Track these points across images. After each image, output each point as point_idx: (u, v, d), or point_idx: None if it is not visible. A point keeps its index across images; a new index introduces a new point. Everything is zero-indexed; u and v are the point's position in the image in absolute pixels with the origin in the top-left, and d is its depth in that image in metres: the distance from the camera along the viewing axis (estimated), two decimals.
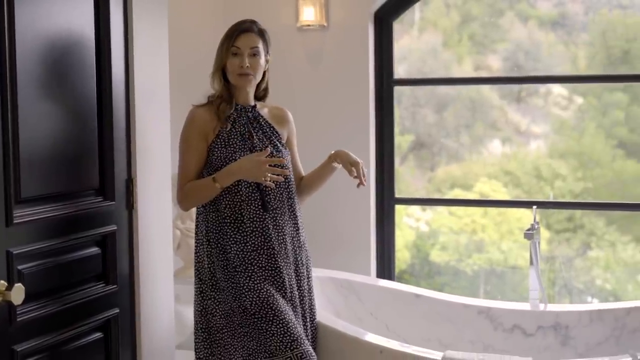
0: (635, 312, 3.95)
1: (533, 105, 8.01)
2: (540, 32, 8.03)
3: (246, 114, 3.52)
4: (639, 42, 7.56)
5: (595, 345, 3.93)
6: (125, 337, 3.41)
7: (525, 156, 7.64)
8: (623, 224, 7.24)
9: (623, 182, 7.19)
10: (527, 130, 8.03)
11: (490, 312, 4.12)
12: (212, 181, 3.39)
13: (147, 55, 3.49)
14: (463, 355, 3.34)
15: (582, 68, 7.39)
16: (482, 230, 7.17)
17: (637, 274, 6.96)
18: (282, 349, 3.29)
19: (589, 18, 7.80)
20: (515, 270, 7.15)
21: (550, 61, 7.91)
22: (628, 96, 7.41)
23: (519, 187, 7.29)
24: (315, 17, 4.67)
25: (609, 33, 7.54)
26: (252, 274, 3.37)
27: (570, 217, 7.36)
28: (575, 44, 7.77)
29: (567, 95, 7.90)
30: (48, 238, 2.95)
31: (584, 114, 7.68)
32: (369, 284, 4.34)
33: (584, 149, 7.43)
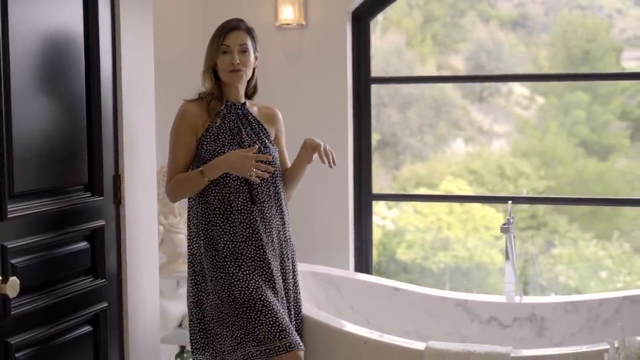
0: (608, 303, 4.14)
1: (495, 104, 8.18)
2: (502, 32, 8.20)
3: (236, 110, 3.64)
4: (599, 43, 7.75)
5: (570, 335, 4.11)
6: (113, 330, 3.52)
7: (489, 155, 7.80)
8: (585, 221, 7.43)
9: (584, 180, 7.37)
10: (489, 130, 8.20)
11: (467, 304, 4.29)
12: (200, 174, 3.51)
13: (133, 53, 3.61)
14: (446, 346, 3.50)
15: (543, 68, 7.57)
16: (447, 228, 7.32)
17: (600, 270, 7.15)
18: (271, 338, 3.41)
19: (549, 19, 7.98)
20: (481, 267, 7.30)
21: (511, 61, 8.09)
22: (589, 96, 7.59)
23: (483, 185, 7.45)
24: (294, 16, 4.80)
25: (569, 33, 7.72)
26: (242, 264, 3.50)
27: (534, 215, 7.54)
28: (535, 44, 7.95)
29: (528, 95, 8.09)
30: (40, 232, 3.04)
31: (546, 114, 7.85)
32: (349, 278, 4.49)
33: (547, 147, 7.60)
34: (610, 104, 7.65)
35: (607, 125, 7.72)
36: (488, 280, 7.24)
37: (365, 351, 3.61)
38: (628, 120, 7.60)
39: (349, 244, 4.99)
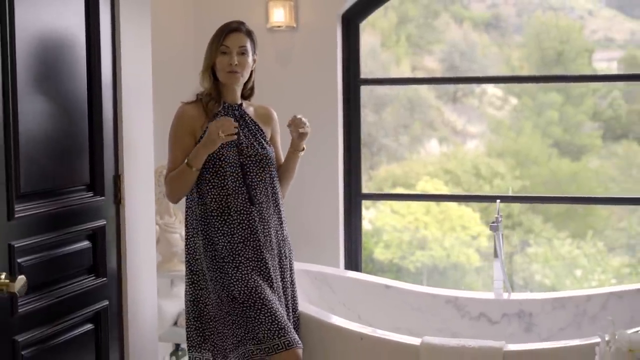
0: (595, 299, 4.30)
1: (469, 105, 8.32)
2: (475, 33, 8.35)
3: (233, 111, 3.74)
4: (572, 44, 7.92)
5: (558, 331, 4.26)
6: (113, 328, 3.60)
7: (465, 155, 7.92)
8: (559, 221, 7.61)
9: (558, 180, 7.54)
10: (463, 130, 8.34)
11: (457, 301, 4.43)
12: (187, 165, 3.61)
13: (132, 55, 3.70)
14: (441, 341, 3.63)
15: (516, 69, 7.73)
16: (424, 227, 7.45)
17: (575, 268, 7.31)
18: (270, 336, 3.52)
19: (522, 20, 8.13)
20: (457, 267, 7.44)
21: (485, 62, 8.24)
22: (562, 96, 7.75)
23: (459, 185, 7.59)
24: (285, 18, 4.91)
25: (543, 34, 7.87)
26: (240, 264, 3.61)
27: (509, 214, 7.70)
28: (508, 45, 8.11)
29: (501, 95, 8.24)
30: (44, 232, 3.12)
31: (519, 114, 8.00)
32: (341, 276, 4.61)
33: (521, 148, 7.75)
34: (582, 104, 7.80)
35: (580, 126, 7.88)
36: (464, 279, 7.38)
37: (361, 347, 3.73)
38: (600, 120, 7.77)
39: (339, 242, 5.12)
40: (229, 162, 3.65)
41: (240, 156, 3.67)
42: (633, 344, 3.26)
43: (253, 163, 3.69)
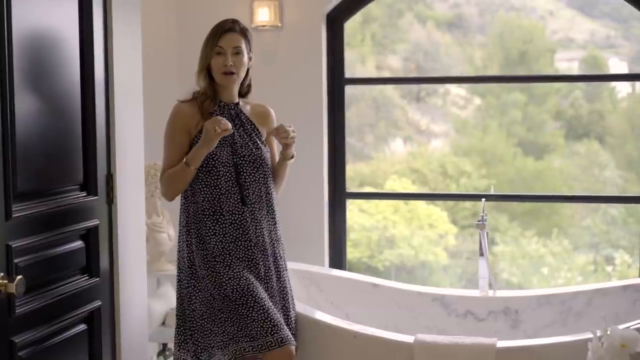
0: (581, 296, 4.39)
1: (432, 104, 8.41)
2: (438, 33, 8.43)
3: (229, 110, 3.77)
4: (535, 44, 8.04)
5: (543, 327, 4.34)
6: (105, 328, 3.61)
7: (431, 154, 8.00)
8: (525, 219, 7.73)
9: (524, 179, 7.65)
10: (427, 129, 8.42)
11: (444, 299, 4.49)
12: (185, 164, 3.63)
13: (124, 54, 3.72)
14: (434, 338, 3.69)
15: (479, 69, 7.83)
16: (393, 226, 7.52)
17: (542, 266, 7.43)
18: (263, 333, 3.55)
19: (485, 20, 8.22)
20: (425, 265, 7.51)
21: (448, 61, 8.34)
22: (525, 96, 7.87)
23: (426, 184, 7.67)
24: (270, 17, 4.93)
25: (506, 34, 7.98)
26: (231, 263, 3.63)
27: (475, 213, 7.77)
28: (470, 44, 8.21)
29: (464, 95, 8.33)
30: (39, 232, 3.13)
31: (483, 113, 8.10)
32: (329, 275, 4.65)
33: (487, 147, 7.85)
34: (545, 104, 7.92)
35: (543, 125, 8.00)
36: (432, 278, 7.44)
37: (355, 345, 3.77)
38: (562, 120, 7.89)
39: (324, 241, 5.16)
40: (222, 161, 3.67)
41: (234, 156, 3.69)
42: (625, 340, 3.35)
43: (247, 163, 3.71)
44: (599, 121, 7.99)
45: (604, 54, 8.00)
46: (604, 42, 8.06)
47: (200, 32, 5.06)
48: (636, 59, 7.81)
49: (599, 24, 8.27)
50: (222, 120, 3.56)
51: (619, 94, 8.05)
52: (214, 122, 3.54)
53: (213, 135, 3.53)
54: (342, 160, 5.21)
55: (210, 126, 3.53)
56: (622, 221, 7.58)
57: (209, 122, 3.55)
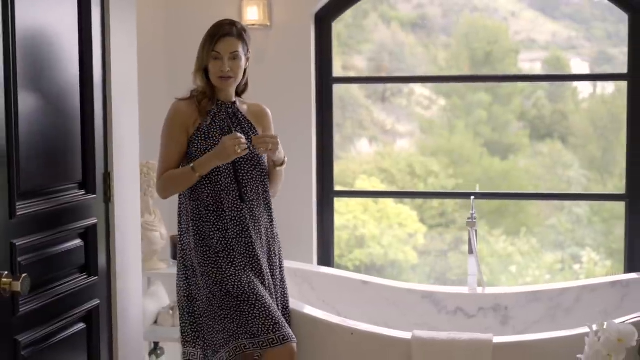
0: (569, 292, 4.48)
1: (397, 104, 8.46)
2: (403, 33, 8.49)
3: (226, 109, 3.80)
4: (500, 44, 8.14)
5: (533, 323, 4.43)
6: (104, 327, 3.61)
7: (399, 154, 8.05)
8: (492, 218, 7.82)
9: (491, 178, 7.74)
10: (392, 129, 8.48)
11: (434, 296, 4.56)
12: (191, 170, 3.66)
13: (121, 53, 3.73)
14: (431, 334, 3.75)
15: (444, 69, 7.91)
16: (363, 226, 7.56)
17: (510, 265, 7.53)
18: (265, 331, 3.58)
19: (451, 20, 8.30)
20: (395, 265, 7.57)
21: (413, 62, 8.40)
22: (490, 96, 7.96)
23: (394, 184, 7.74)
24: (259, 16, 4.96)
25: (471, 35, 8.07)
26: (234, 259, 3.67)
27: (443, 212, 7.87)
28: (434, 45, 8.29)
29: (428, 95, 8.41)
30: (41, 230, 3.13)
31: (448, 114, 8.17)
32: (320, 273, 4.69)
33: (454, 147, 7.92)
34: (510, 104, 8.02)
35: (508, 125, 8.10)
36: (401, 277, 7.50)
37: (352, 342, 3.82)
38: (526, 120, 8.00)
39: (313, 239, 5.20)
40: None
41: None
42: (622, 334, 3.43)
43: (244, 161, 3.75)
44: (562, 121, 8.09)
45: (565, 54, 8.11)
46: (566, 43, 8.17)
47: (189, 30, 5.11)
48: (597, 60, 7.94)
49: (560, 25, 8.37)
50: (242, 139, 3.59)
51: (581, 94, 8.17)
52: (235, 141, 3.56)
53: (232, 154, 3.57)
54: (330, 159, 5.26)
55: (230, 143, 3.56)
56: (587, 220, 7.69)
57: (229, 139, 3.58)
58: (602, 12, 8.07)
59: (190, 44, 4.95)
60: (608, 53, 7.91)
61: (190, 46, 4.89)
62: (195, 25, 4.98)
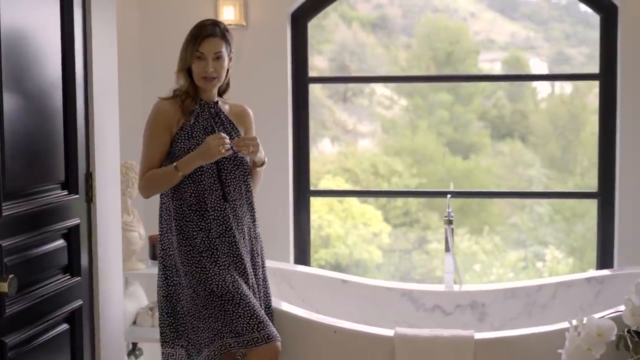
0: (546, 289, 4.55)
1: (358, 104, 8.51)
2: (363, 33, 8.53)
3: (209, 109, 3.81)
4: (462, 45, 8.22)
5: (510, 320, 4.50)
6: (86, 328, 3.61)
7: (362, 154, 8.10)
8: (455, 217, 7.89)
9: (454, 178, 7.80)
10: (354, 129, 8.53)
11: (412, 294, 4.60)
12: (174, 169, 3.67)
13: (102, 53, 3.74)
14: (414, 331, 3.80)
15: (406, 69, 7.97)
16: (328, 225, 7.60)
17: (474, 263, 7.60)
18: (249, 329, 3.60)
19: (411, 21, 8.36)
20: (360, 264, 7.61)
21: (374, 62, 8.45)
22: (452, 96, 8.03)
23: (358, 183, 7.78)
24: (235, 16, 4.97)
25: (433, 35, 8.13)
26: (217, 259, 3.68)
27: (407, 211, 7.92)
28: (395, 45, 8.34)
29: (389, 95, 8.46)
30: (26, 231, 3.14)
31: (410, 114, 8.23)
32: (299, 271, 4.72)
33: (417, 146, 7.98)
34: (471, 104, 8.10)
35: (469, 125, 8.18)
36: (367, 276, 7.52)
37: (335, 340, 3.85)
38: (486, 120, 8.09)
39: (290, 238, 5.22)
40: None
41: None
42: (601, 329, 3.51)
43: (227, 161, 3.77)
44: (522, 121, 8.18)
45: (524, 55, 8.20)
46: (525, 43, 8.26)
47: (164, 30, 5.10)
48: (556, 60, 8.05)
49: (519, 25, 8.46)
50: (226, 139, 3.62)
51: (540, 94, 8.26)
52: (219, 141, 3.59)
53: (216, 153, 3.59)
54: (306, 159, 5.29)
55: (214, 143, 3.58)
56: (548, 218, 7.79)
57: (214, 139, 3.60)
58: (560, 13, 8.17)
59: (165, 43, 4.98)
60: (566, 53, 8.01)
61: (165, 46, 4.92)
62: (170, 24, 4.99)
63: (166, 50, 4.66)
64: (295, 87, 5.25)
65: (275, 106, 5.14)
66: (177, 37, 3.87)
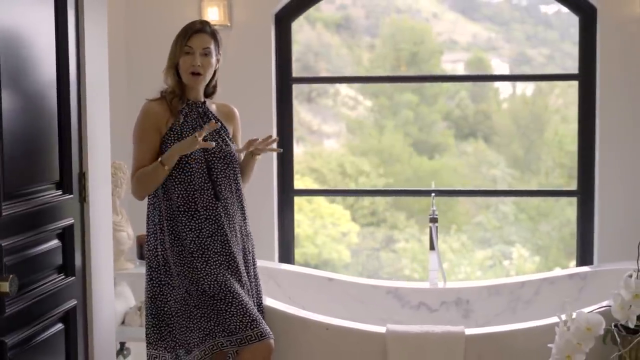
0: (529, 285, 4.65)
1: (323, 105, 8.57)
2: (328, 34, 8.60)
3: (196, 109, 3.85)
4: (426, 45, 8.32)
5: (494, 316, 4.59)
6: (80, 327, 3.63)
7: (330, 154, 8.15)
8: (422, 217, 7.99)
9: (420, 177, 7.90)
10: (319, 130, 8.59)
11: (398, 291, 4.67)
12: (160, 164, 3.71)
13: (93, 53, 3.75)
14: (405, 328, 3.86)
15: (371, 69, 8.04)
16: (297, 225, 7.64)
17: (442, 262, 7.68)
18: (242, 328, 3.64)
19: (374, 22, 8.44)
20: (328, 264, 7.66)
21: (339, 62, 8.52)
22: (417, 97, 8.12)
23: (326, 183, 7.84)
24: (219, 17, 5.00)
25: (398, 36, 8.22)
26: (209, 259, 3.72)
27: (374, 211, 7.99)
28: (359, 46, 8.42)
29: (354, 95, 8.53)
30: (23, 231, 3.14)
31: (375, 114, 8.31)
32: (285, 270, 4.77)
33: (384, 147, 8.06)
34: (436, 104, 8.19)
35: (434, 125, 8.27)
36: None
37: (327, 337, 3.90)
38: (450, 120, 8.19)
39: (274, 237, 5.26)
40: (195, 158, 3.76)
41: (205, 153, 3.78)
42: (590, 323, 3.61)
43: (218, 160, 3.81)
44: (485, 121, 8.29)
45: (486, 55, 8.32)
46: (486, 44, 8.38)
47: (149, 31, 5.12)
48: (516, 61, 8.17)
49: (480, 26, 8.58)
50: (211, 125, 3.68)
51: (502, 94, 8.38)
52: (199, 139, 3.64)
53: (194, 142, 3.64)
54: (290, 158, 5.34)
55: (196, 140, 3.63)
56: (513, 217, 7.90)
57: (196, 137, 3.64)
58: (521, 14, 8.30)
59: (150, 44, 5.00)
60: (527, 54, 8.14)
61: (150, 46, 4.94)
62: (155, 25, 5.01)
63: (151, 50, 4.69)
64: (280, 87, 5.30)
65: (260, 106, 5.19)
66: (162, 37, 3.91)
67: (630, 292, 3.62)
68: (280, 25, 5.27)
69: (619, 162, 5.00)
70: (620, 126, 5.00)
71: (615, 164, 4.99)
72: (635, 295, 3.62)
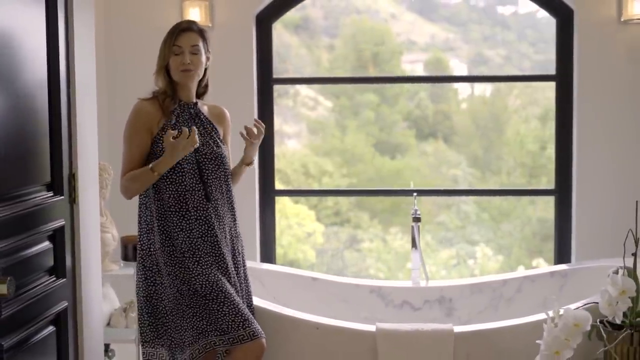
0: (511, 283, 4.72)
1: (283, 105, 8.58)
2: (287, 34, 8.61)
3: (188, 110, 3.86)
4: (386, 46, 8.37)
5: (477, 314, 4.65)
6: (71, 329, 3.63)
7: (293, 154, 8.18)
8: (385, 217, 8.04)
9: (382, 178, 7.95)
10: (280, 130, 8.59)
11: (381, 290, 4.72)
12: (150, 170, 3.71)
13: (82, 55, 3.76)
14: (395, 326, 3.91)
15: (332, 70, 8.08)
16: None
17: (407, 261, 7.74)
18: (234, 327, 3.66)
19: (333, 22, 8.47)
20: (294, 264, 7.68)
21: (299, 63, 8.54)
22: (378, 97, 8.17)
23: (289, 183, 7.86)
24: (201, 17, 5.00)
25: (358, 36, 8.26)
26: (200, 259, 3.74)
27: (338, 211, 8.03)
28: (318, 46, 8.45)
29: (314, 96, 8.56)
30: (16, 233, 3.15)
31: (336, 114, 8.34)
32: (270, 270, 4.79)
33: (347, 147, 8.10)
34: (397, 105, 8.25)
35: (395, 126, 8.33)
36: None
37: (317, 336, 3.94)
38: (410, 120, 8.26)
39: (256, 237, 5.28)
40: (186, 159, 3.77)
41: (196, 154, 3.80)
42: (578, 319, 3.69)
43: (209, 161, 3.83)
44: (444, 121, 8.35)
45: (445, 56, 8.38)
46: (444, 44, 8.45)
47: (130, 32, 5.11)
48: (474, 62, 8.26)
49: (438, 27, 8.64)
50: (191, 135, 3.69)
51: (460, 95, 8.46)
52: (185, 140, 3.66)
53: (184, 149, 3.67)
54: (271, 159, 5.36)
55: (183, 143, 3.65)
56: (475, 217, 7.98)
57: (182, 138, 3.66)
58: (479, 15, 8.38)
59: (131, 44, 4.99)
60: (484, 55, 8.22)
61: (131, 46, 4.93)
62: (136, 25, 5.00)
63: (132, 50, 4.69)
64: (261, 87, 5.32)
65: (241, 106, 5.21)
66: (143, 38, 3.92)
67: (617, 288, 3.70)
68: (262, 26, 5.30)
69: (596, 161, 5.10)
70: (597, 126, 5.10)
71: (593, 163, 5.09)
72: (622, 292, 3.70)
